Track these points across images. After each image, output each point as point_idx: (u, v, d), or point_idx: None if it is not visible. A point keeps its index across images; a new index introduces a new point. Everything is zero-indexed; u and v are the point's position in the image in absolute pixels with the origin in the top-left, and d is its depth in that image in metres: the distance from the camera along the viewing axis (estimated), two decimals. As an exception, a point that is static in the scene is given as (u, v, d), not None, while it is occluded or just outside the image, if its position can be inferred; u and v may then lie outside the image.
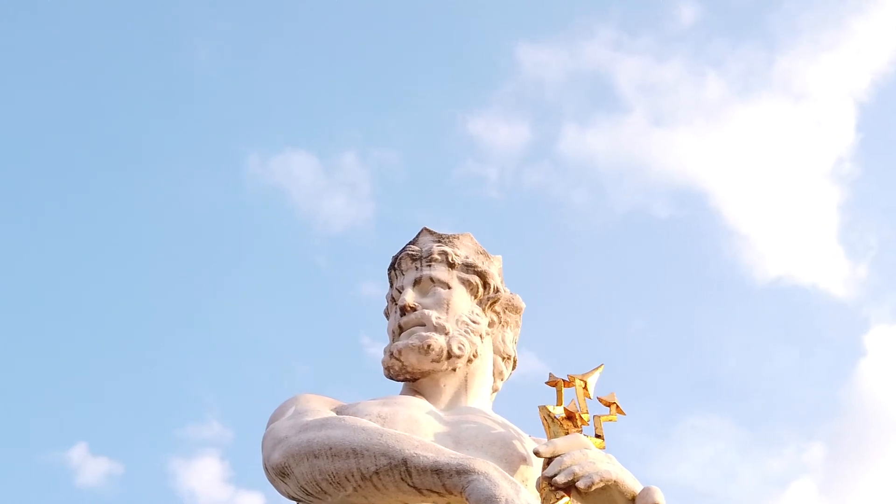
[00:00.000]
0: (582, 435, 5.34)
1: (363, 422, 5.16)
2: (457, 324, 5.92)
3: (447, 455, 4.86)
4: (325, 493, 5.05)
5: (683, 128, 22.17)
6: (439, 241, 6.20)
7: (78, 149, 20.93)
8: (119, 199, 20.97)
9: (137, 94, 21.07)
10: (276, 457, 5.16)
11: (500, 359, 6.16)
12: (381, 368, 5.94)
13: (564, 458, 5.09)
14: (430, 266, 6.10)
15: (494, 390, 6.15)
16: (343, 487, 4.99)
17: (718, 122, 22.14)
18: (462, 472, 4.76)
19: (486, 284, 6.14)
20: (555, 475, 5.06)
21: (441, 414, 5.68)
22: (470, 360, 5.91)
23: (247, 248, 21.20)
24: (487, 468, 4.77)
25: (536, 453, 5.18)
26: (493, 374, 6.11)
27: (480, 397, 5.95)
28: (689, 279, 21.02)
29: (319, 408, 5.53)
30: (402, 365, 5.87)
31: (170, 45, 21.32)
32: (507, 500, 4.64)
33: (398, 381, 5.98)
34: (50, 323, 20.71)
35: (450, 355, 5.84)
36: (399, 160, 21.45)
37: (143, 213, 21.11)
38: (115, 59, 20.93)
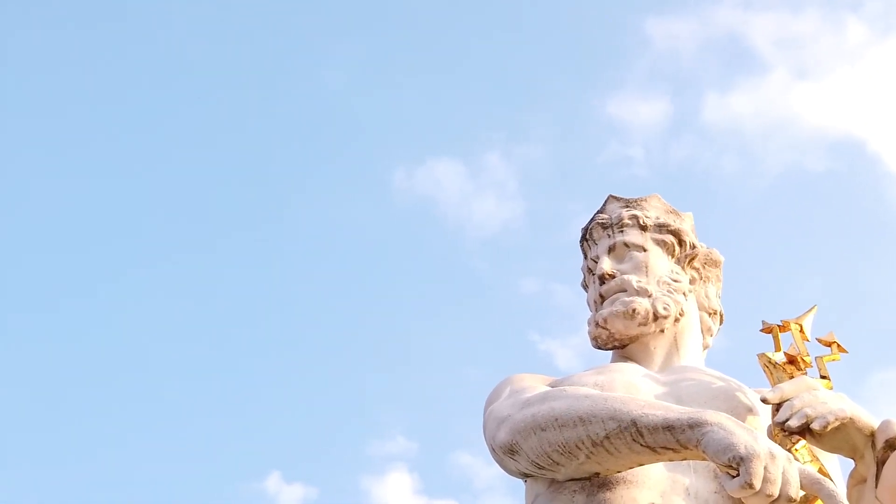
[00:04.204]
0: (808, 377, 5.22)
1: (584, 390, 5.12)
2: (658, 285, 5.86)
3: (676, 411, 4.78)
4: (558, 464, 5.02)
5: (828, 77, 21.53)
6: (627, 206, 6.14)
7: (234, 182, 21.50)
8: (279, 231, 21.47)
9: (277, 125, 21.54)
10: (502, 436, 5.16)
11: (706, 315, 6.06)
12: (553, 360, 5.95)
13: (794, 402, 4.97)
14: (622, 231, 6.04)
15: (705, 347, 6.06)
16: (575, 456, 4.96)
17: (864, 67, 21.41)
18: (695, 425, 4.67)
19: (681, 242, 6.06)
20: (787, 420, 4.94)
21: (657, 375, 5.61)
22: (677, 320, 5.84)
23: (406, 261, 21.45)
24: (720, 418, 4.68)
25: (764, 400, 5.07)
26: (702, 331, 6.04)
27: (692, 355, 5.87)
28: (858, 229, 20.36)
29: (534, 384, 5.51)
30: (610, 333, 5.83)
31: (300, 72, 21.73)
32: (745, 446, 4.53)
33: (606, 349, 5.94)
34: (230, 357, 21.30)
35: (656, 317, 5.78)
36: (543, 153, 21.40)
37: (302, 244, 21.55)
38: (250, 96, 21.44)
